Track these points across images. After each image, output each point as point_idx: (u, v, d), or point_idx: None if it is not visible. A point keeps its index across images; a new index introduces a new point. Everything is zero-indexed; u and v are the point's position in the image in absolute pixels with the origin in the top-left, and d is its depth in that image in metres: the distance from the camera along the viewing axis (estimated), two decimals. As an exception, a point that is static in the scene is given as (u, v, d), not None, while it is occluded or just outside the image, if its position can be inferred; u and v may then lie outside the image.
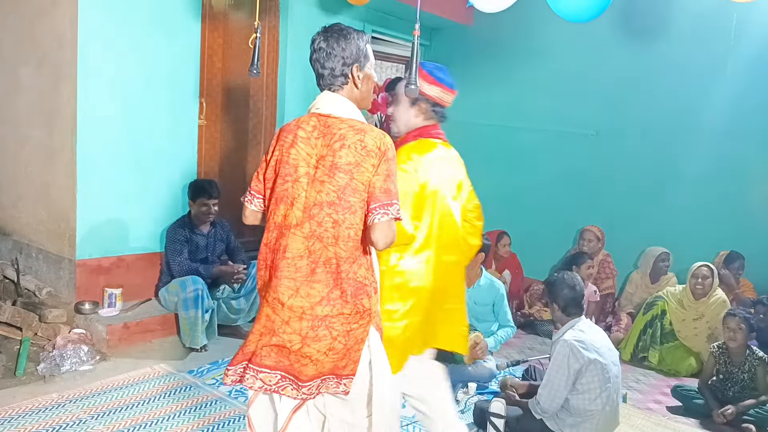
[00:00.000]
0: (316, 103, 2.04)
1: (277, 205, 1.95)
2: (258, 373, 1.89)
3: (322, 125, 1.97)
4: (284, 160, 1.96)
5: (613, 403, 2.90)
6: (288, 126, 2.03)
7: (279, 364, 1.89)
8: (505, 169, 6.16)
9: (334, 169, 1.90)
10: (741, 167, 4.95)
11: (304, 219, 1.90)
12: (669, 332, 4.50)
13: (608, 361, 2.88)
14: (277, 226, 1.95)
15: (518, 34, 5.92)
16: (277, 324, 1.89)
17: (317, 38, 2.04)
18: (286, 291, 1.88)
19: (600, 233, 5.41)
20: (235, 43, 4.84)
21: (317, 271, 1.89)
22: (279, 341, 1.88)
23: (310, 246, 1.90)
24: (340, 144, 1.91)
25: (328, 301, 1.88)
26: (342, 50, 2.00)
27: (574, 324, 2.97)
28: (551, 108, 5.87)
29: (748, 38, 4.81)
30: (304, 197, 1.91)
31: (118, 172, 4.11)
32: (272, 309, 1.90)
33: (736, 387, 3.64)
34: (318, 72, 2.05)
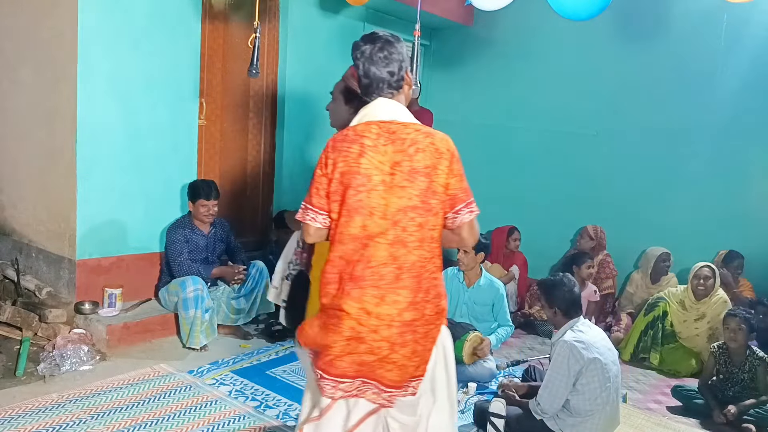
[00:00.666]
0: (370, 111, 2.03)
1: (351, 216, 1.91)
2: (338, 384, 1.93)
3: (386, 132, 1.96)
4: (354, 171, 1.92)
5: (613, 403, 2.90)
6: (344, 137, 1.98)
7: (359, 372, 1.93)
8: (504, 170, 6.16)
9: (414, 173, 1.92)
10: (741, 167, 4.95)
11: (388, 226, 1.91)
12: (670, 333, 4.49)
13: (608, 361, 2.88)
14: (355, 238, 1.92)
15: (518, 34, 5.92)
16: (365, 333, 1.90)
17: (370, 45, 2.05)
18: (372, 300, 1.90)
19: (595, 232, 5.41)
20: (235, 43, 4.84)
21: (402, 276, 1.91)
22: (367, 349, 1.90)
23: (394, 252, 1.91)
24: (415, 148, 1.93)
25: (414, 306, 1.92)
26: (399, 54, 2.06)
27: (573, 324, 2.97)
28: (551, 108, 5.87)
29: (748, 38, 4.82)
30: (384, 204, 1.91)
31: (118, 172, 4.11)
32: (357, 321, 1.90)
33: (737, 387, 3.64)
34: (375, 77, 2.04)
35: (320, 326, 1.97)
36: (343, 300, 1.91)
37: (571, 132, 5.78)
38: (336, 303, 1.92)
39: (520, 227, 5.71)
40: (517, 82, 6.09)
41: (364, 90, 2.08)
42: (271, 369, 3.86)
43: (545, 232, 5.81)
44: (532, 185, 6.01)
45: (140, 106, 4.17)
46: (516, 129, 6.14)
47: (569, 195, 5.77)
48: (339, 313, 1.91)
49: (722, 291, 4.46)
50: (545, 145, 5.92)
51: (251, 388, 3.54)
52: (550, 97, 5.85)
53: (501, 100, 6.21)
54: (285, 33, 5.11)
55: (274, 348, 4.20)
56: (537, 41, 5.82)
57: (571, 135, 5.78)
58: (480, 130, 6.26)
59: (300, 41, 5.22)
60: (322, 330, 1.96)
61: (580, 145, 5.72)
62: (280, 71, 5.14)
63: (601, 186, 5.61)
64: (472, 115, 6.35)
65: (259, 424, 3.15)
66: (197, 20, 4.43)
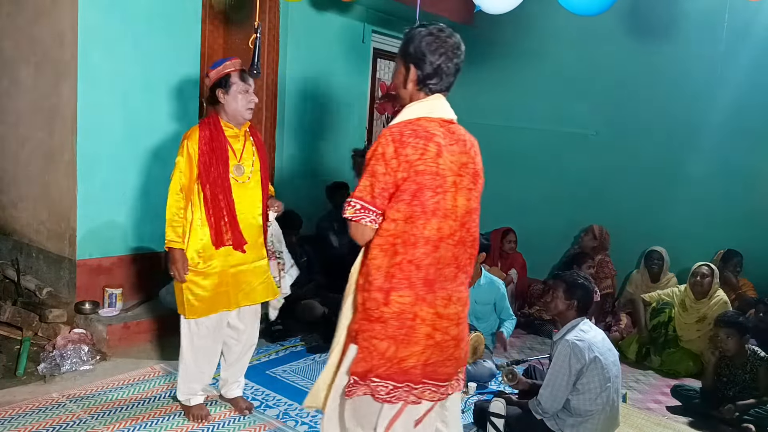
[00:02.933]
0: (432, 105, 1.95)
1: (428, 219, 1.84)
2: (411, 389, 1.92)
3: (449, 131, 1.94)
4: (432, 171, 1.85)
5: (613, 404, 2.90)
6: (413, 132, 1.87)
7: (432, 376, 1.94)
8: (505, 169, 6.14)
9: (476, 176, 1.96)
10: (741, 167, 4.95)
11: (457, 228, 1.91)
12: (672, 338, 4.49)
13: (608, 362, 2.88)
14: (428, 241, 1.86)
15: (518, 34, 5.92)
16: (439, 337, 1.91)
17: (441, 34, 1.93)
18: (442, 302, 1.91)
19: (600, 233, 5.42)
20: (235, 43, 4.83)
21: (459, 275, 1.95)
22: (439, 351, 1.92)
23: (456, 253, 1.92)
24: (474, 150, 1.97)
25: (464, 302, 1.99)
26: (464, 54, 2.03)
27: (576, 324, 2.97)
28: (551, 108, 5.88)
29: (749, 39, 4.81)
30: (454, 206, 1.90)
31: (118, 172, 4.11)
32: (432, 326, 1.89)
33: (737, 387, 3.64)
34: (446, 73, 1.96)
35: (390, 339, 1.87)
36: (418, 306, 1.86)
37: (571, 132, 5.78)
38: (410, 311, 1.86)
39: (520, 227, 5.70)
40: (517, 82, 6.09)
41: (425, 81, 1.94)
42: (271, 369, 3.86)
43: (545, 232, 5.81)
44: (532, 185, 6.00)
45: (140, 106, 4.17)
46: (516, 129, 6.14)
47: (569, 195, 5.77)
48: (412, 322, 1.87)
49: (722, 292, 4.46)
50: (545, 145, 5.92)
51: (251, 388, 3.54)
52: (551, 97, 5.85)
53: (501, 100, 6.21)
54: (285, 33, 5.11)
55: (274, 348, 4.20)
56: (537, 41, 5.82)
57: (571, 135, 5.78)
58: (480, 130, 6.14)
59: (300, 41, 5.22)
60: (392, 343, 1.88)
61: (580, 145, 5.72)
62: (280, 71, 5.14)
63: (601, 186, 5.61)
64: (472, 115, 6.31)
65: (259, 424, 3.15)
66: (197, 20, 4.44)
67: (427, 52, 1.92)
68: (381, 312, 1.87)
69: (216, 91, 2.95)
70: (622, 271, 5.41)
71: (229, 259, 2.97)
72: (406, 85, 1.98)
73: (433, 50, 1.92)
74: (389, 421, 1.95)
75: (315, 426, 3.17)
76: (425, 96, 1.97)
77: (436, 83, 1.95)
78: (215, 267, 2.95)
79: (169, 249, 2.92)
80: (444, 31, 1.95)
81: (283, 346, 4.23)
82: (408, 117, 1.92)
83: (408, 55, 1.95)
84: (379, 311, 1.87)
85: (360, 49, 5.91)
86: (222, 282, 2.97)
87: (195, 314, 2.97)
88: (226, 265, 2.97)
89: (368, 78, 6.17)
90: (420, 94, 1.97)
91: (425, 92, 1.97)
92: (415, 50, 1.93)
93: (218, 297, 2.98)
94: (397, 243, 1.86)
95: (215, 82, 2.95)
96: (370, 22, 5.88)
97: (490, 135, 6.24)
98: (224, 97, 2.94)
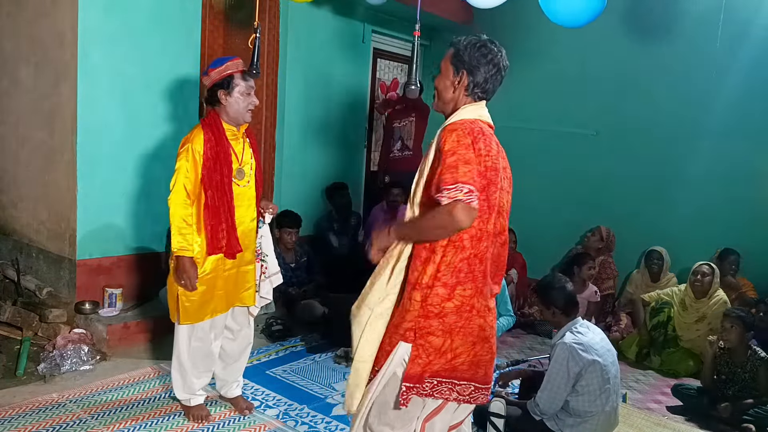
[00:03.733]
0: (482, 112, 2.08)
1: (491, 213, 1.96)
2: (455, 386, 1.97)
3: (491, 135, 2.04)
4: (493, 167, 1.94)
5: (612, 404, 2.90)
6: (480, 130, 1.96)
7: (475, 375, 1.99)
8: (505, 169, 6.16)
9: (510, 180, 2.08)
10: (741, 167, 4.95)
11: (502, 227, 2.04)
12: (671, 338, 4.49)
13: (607, 363, 2.88)
14: (490, 235, 1.97)
15: (518, 34, 5.91)
16: (488, 332, 1.99)
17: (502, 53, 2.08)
18: (488, 295, 2.00)
19: (607, 234, 5.42)
20: (235, 43, 4.83)
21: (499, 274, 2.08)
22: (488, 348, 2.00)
23: (501, 252, 2.07)
24: (503, 157, 2.06)
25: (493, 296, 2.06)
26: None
27: (572, 325, 2.98)
28: (551, 108, 5.88)
29: (748, 40, 4.82)
30: (501, 205, 2.02)
31: (118, 172, 4.11)
32: (483, 318, 1.97)
33: (737, 387, 3.64)
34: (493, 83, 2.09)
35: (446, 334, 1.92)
36: (476, 298, 1.93)
37: (571, 132, 5.78)
38: (468, 302, 1.92)
39: (520, 227, 5.70)
40: (516, 82, 6.04)
41: (474, 89, 2.06)
42: (271, 369, 3.86)
43: (545, 232, 5.81)
44: (532, 185, 5.98)
45: (140, 106, 4.17)
46: (516, 129, 6.11)
47: (569, 195, 5.77)
48: (469, 314, 1.92)
49: (722, 292, 4.46)
50: (545, 145, 5.92)
51: (251, 388, 3.54)
52: (550, 97, 5.85)
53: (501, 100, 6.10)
54: (285, 33, 5.11)
55: (274, 348, 4.20)
56: (537, 41, 5.81)
57: (571, 135, 5.78)
58: (480, 130, 6.25)
59: (300, 41, 5.22)
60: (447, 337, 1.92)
61: (580, 145, 5.72)
62: (280, 71, 5.13)
63: (601, 186, 5.61)
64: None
65: (259, 424, 3.15)
66: (197, 20, 4.44)
67: (482, 63, 2.04)
68: (442, 307, 1.91)
69: (218, 92, 2.90)
70: (622, 271, 5.41)
71: (225, 262, 2.94)
72: (455, 89, 2.08)
73: (487, 62, 2.05)
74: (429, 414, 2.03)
75: (315, 426, 3.17)
76: (472, 101, 2.08)
77: (483, 91, 2.07)
78: (210, 272, 2.91)
79: (178, 257, 2.83)
80: (497, 46, 2.08)
81: (283, 346, 4.23)
82: (468, 116, 2.01)
83: (462, 62, 2.06)
84: (441, 306, 1.91)
85: (360, 49, 5.91)
86: (216, 285, 2.94)
87: (189, 320, 2.94)
88: (220, 268, 2.94)
89: (368, 78, 6.17)
90: (468, 99, 2.08)
91: (473, 98, 2.08)
92: (470, 58, 2.04)
93: (212, 301, 2.96)
94: (465, 238, 1.90)
95: (217, 83, 2.90)
96: (370, 22, 5.88)
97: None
98: (226, 99, 2.90)
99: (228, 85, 2.89)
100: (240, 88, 2.90)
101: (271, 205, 3.12)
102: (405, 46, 6.27)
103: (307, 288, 4.71)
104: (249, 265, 3.05)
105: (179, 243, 2.81)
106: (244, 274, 3.04)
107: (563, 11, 3.36)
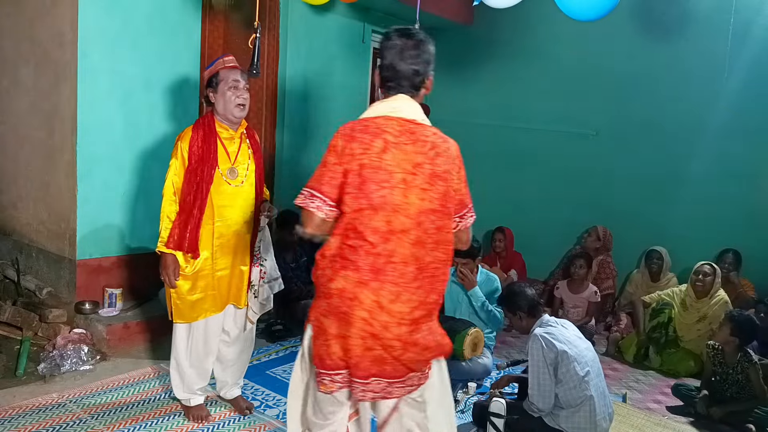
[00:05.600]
0: (392, 106, 2.00)
1: (375, 211, 1.90)
2: (368, 385, 1.95)
3: (407, 131, 1.96)
4: (376, 165, 1.90)
5: (598, 389, 2.93)
6: (364, 128, 1.94)
7: (383, 372, 1.95)
8: (505, 169, 6.16)
9: (434, 177, 1.94)
10: (742, 167, 4.94)
11: (411, 226, 1.92)
12: (672, 339, 4.48)
13: (580, 348, 2.94)
14: (376, 231, 1.91)
15: (518, 34, 5.92)
16: (377, 329, 1.92)
17: (403, 40, 2.00)
18: (388, 295, 1.91)
19: (604, 234, 5.42)
20: (235, 43, 4.83)
21: (419, 277, 1.94)
22: (381, 346, 1.92)
23: (416, 252, 1.93)
24: (435, 152, 1.95)
25: (425, 306, 1.97)
26: (428, 54, 2.04)
27: (540, 322, 3.06)
28: (551, 108, 5.87)
29: (751, 40, 4.81)
30: (407, 203, 1.92)
31: (118, 172, 4.11)
32: (369, 312, 1.91)
33: (734, 387, 3.63)
34: (403, 73, 2.00)
35: (333, 316, 1.95)
36: (359, 289, 1.91)
37: (571, 132, 5.78)
38: (351, 290, 1.92)
39: (520, 227, 5.71)
40: (517, 82, 6.09)
41: (384, 82, 2.04)
42: (271, 369, 3.86)
43: (545, 232, 5.81)
44: (532, 185, 6.00)
45: (140, 106, 4.17)
46: (516, 129, 6.14)
47: (569, 195, 5.76)
48: (350, 302, 1.92)
49: (723, 291, 4.45)
50: (545, 145, 5.92)
51: (251, 388, 3.55)
52: (551, 96, 5.85)
53: (501, 100, 6.21)
54: (285, 33, 5.11)
55: (274, 348, 4.20)
56: (537, 41, 5.82)
57: (571, 135, 5.78)
58: (480, 130, 6.26)
59: (300, 41, 5.22)
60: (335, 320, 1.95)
61: (580, 145, 5.72)
62: (280, 71, 5.14)
63: (601, 186, 5.61)
64: (472, 115, 6.34)
65: (259, 424, 3.15)
66: (197, 20, 4.44)
67: (384, 55, 2.03)
68: (328, 288, 1.96)
69: (207, 90, 2.93)
70: (622, 271, 5.41)
71: (216, 262, 2.94)
72: (377, 90, 2.11)
73: (387, 52, 2.03)
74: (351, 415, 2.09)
75: (315, 426, 3.17)
76: (387, 96, 2.05)
77: (393, 85, 2.02)
78: (200, 270, 2.91)
79: (161, 253, 2.87)
80: (402, 33, 2.02)
81: (283, 346, 4.23)
82: (366, 115, 2.01)
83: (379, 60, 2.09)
84: (327, 287, 1.96)
85: (360, 49, 5.91)
86: (208, 285, 2.94)
87: (182, 318, 2.95)
88: (212, 269, 2.94)
89: (368, 78, 6.17)
90: (384, 95, 2.06)
91: (390, 93, 2.04)
92: (380, 54, 2.06)
93: (205, 301, 2.95)
94: (349, 230, 1.93)
95: (206, 82, 2.93)
96: (370, 22, 5.88)
97: (490, 135, 6.26)
98: (214, 96, 2.92)
99: (214, 82, 2.91)
100: (224, 83, 2.88)
101: (268, 207, 3.11)
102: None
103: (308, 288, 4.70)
104: (243, 266, 3.03)
105: (161, 239, 2.86)
106: (238, 275, 3.02)
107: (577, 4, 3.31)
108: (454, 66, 6.46)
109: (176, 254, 2.88)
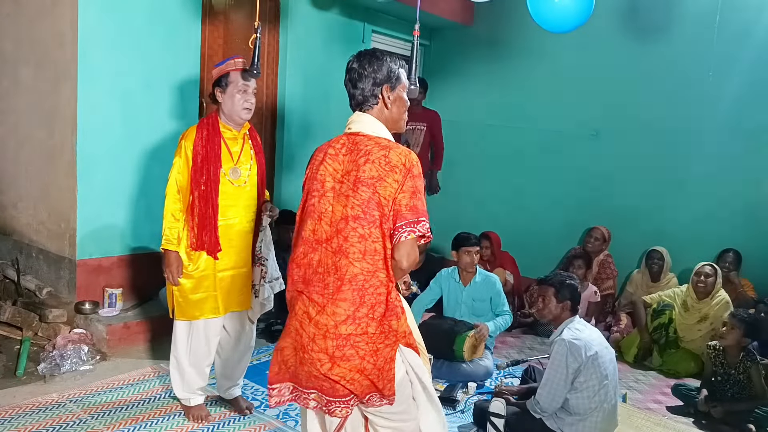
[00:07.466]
0: (348, 123, 2.08)
1: (305, 220, 1.99)
2: (309, 395, 1.97)
3: (351, 143, 2.00)
4: (312, 177, 2.01)
5: (611, 401, 2.90)
6: (321, 146, 2.09)
7: (321, 388, 1.94)
8: (505, 169, 6.16)
9: (358, 183, 1.90)
10: (741, 167, 4.94)
11: (332, 234, 1.92)
12: (673, 340, 4.48)
13: (605, 359, 2.89)
14: (306, 241, 1.96)
15: (518, 34, 5.92)
16: (305, 340, 1.92)
17: (351, 60, 2.10)
18: (315, 307, 1.91)
19: (607, 233, 5.41)
20: (235, 43, 4.83)
21: (343, 288, 1.88)
22: (309, 359, 1.91)
23: (337, 262, 1.90)
24: (365, 159, 1.93)
25: (354, 320, 1.88)
26: (373, 71, 2.05)
27: (569, 323, 2.99)
28: (551, 108, 5.87)
29: (750, 40, 4.82)
30: (331, 212, 1.93)
31: (118, 172, 4.11)
32: (300, 323, 1.94)
33: (735, 388, 3.63)
34: (350, 93, 2.09)
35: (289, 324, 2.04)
36: (295, 300, 1.98)
37: (571, 132, 5.78)
38: (291, 302, 2.01)
39: (519, 227, 5.71)
40: (517, 82, 6.09)
41: (349, 103, 2.12)
42: (271, 369, 3.85)
43: (545, 232, 5.81)
44: (532, 185, 6.00)
45: (140, 106, 4.17)
46: (516, 129, 6.13)
47: (569, 195, 5.76)
48: (290, 313, 1.98)
49: (724, 292, 4.45)
50: (545, 145, 5.91)
51: (251, 388, 3.55)
52: (550, 96, 5.85)
53: (501, 100, 6.21)
54: (285, 33, 5.11)
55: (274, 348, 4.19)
56: (537, 41, 5.81)
57: (571, 135, 5.77)
58: (480, 130, 6.27)
59: (300, 41, 5.22)
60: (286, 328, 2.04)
61: (580, 145, 5.72)
62: (281, 71, 5.14)
63: (602, 186, 5.60)
64: (471, 115, 6.35)
65: (259, 424, 3.15)
66: (197, 20, 4.44)
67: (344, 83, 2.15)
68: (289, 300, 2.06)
69: (215, 89, 2.95)
70: (622, 271, 5.40)
71: (217, 263, 2.94)
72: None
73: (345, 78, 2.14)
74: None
75: (315, 426, 3.17)
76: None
77: (353, 104, 2.12)
78: (203, 270, 2.93)
79: (164, 251, 2.91)
80: (353, 59, 2.12)
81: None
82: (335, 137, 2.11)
83: None
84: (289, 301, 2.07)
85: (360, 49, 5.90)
86: (209, 285, 2.95)
87: (183, 316, 2.96)
88: (214, 269, 2.94)
89: (368, 78, 6.17)
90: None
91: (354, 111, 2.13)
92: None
93: (206, 301, 2.96)
94: (294, 242, 2.03)
95: (215, 81, 2.95)
96: (370, 22, 5.88)
97: (490, 135, 6.26)
98: (221, 96, 2.94)
99: (223, 83, 2.93)
100: (234, 85, 2.91)
101: (270, 207, 3.11)
102: (405, 46, 6.26)
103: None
104: (244, 267, 3.04)
105: (165, 237, 2.90)
106: (240, 277, 3.02)
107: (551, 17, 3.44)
108: (454, 66, 6.47)
109: (179, 252, 2.89)
